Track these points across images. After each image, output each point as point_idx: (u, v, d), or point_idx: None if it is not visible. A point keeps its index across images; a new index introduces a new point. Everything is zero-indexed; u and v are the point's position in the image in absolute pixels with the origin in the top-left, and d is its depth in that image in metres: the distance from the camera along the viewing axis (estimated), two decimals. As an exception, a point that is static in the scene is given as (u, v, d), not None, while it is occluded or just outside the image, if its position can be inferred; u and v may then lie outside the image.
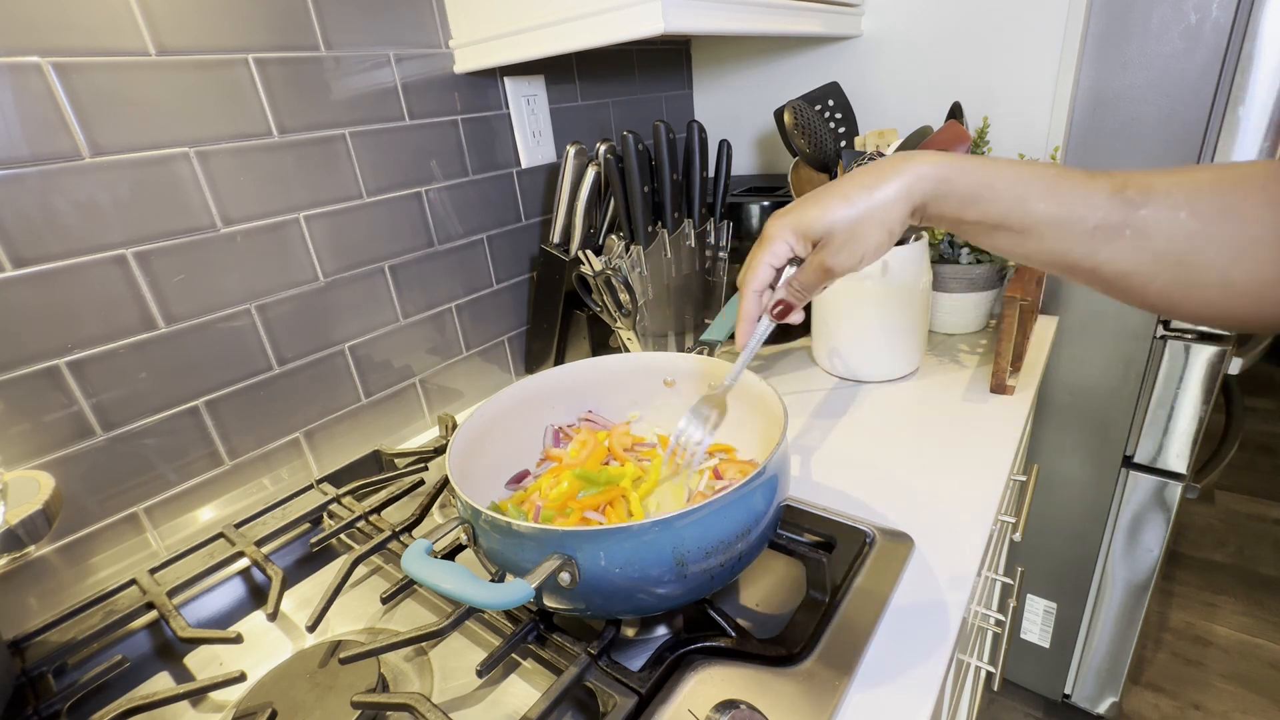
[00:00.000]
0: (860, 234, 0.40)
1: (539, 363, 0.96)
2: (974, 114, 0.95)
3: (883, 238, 0.40)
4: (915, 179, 0.39)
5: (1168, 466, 1.08)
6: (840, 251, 0.41)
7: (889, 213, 0.39)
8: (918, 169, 0.39)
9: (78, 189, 0.53)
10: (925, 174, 0.38)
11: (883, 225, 0.40)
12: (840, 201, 0.40)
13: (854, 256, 0.41)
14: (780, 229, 0.43)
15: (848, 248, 0.41)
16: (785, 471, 0.48)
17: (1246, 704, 1.40)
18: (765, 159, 1.23)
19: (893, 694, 0.42)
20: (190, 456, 0.64)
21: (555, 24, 0.69)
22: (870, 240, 0.40)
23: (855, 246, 0.41)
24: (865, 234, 0.40)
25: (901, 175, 0.39)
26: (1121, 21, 0.88)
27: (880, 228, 0.40)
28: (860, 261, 0.41)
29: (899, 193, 0.39)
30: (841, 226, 0.40)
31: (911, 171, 0.39)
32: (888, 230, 0.40)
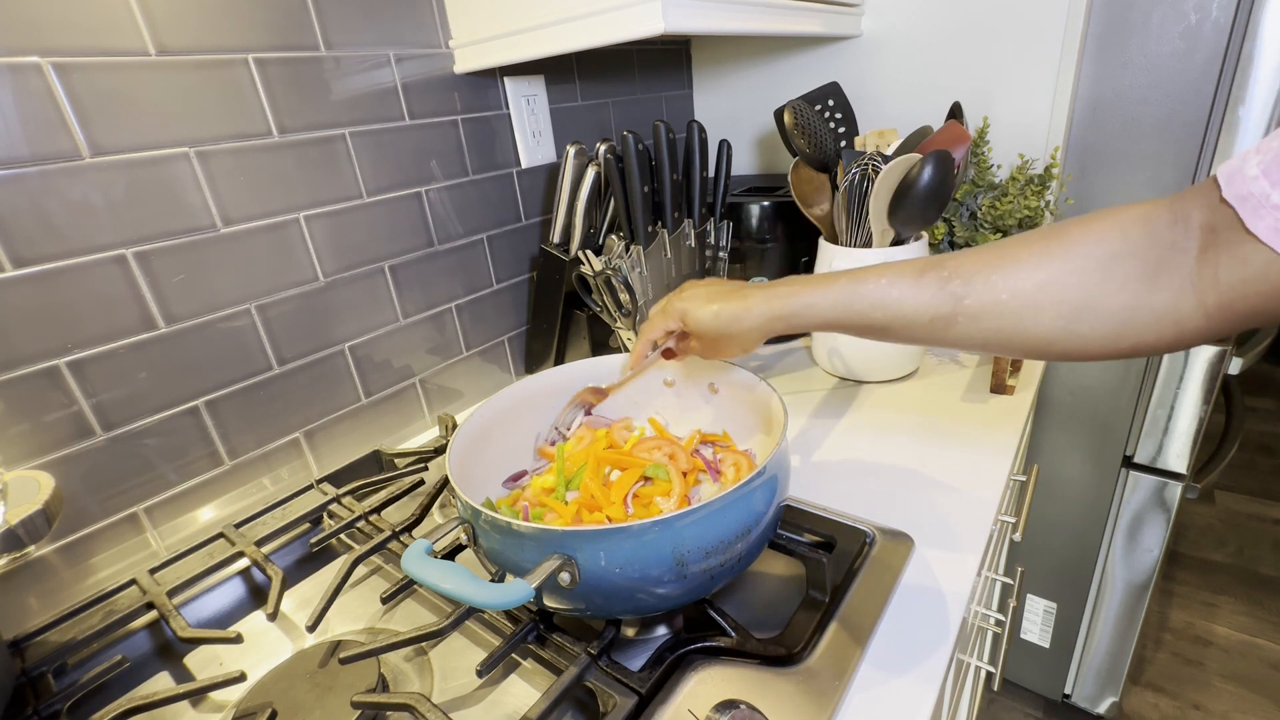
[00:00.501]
0: (720, 345, 0.52)
1: (539, 363, 0.96)
2: (974, 114, 0.95)
3: (736, 351, 0.52)
4: (769, 319, 0.47)
5: (1168, 466, 1.08)
6: (705, 348, 0.54)
7: (744, 337, 0.50)
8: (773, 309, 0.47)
9: (78, 189, 0.53)
10: (779, 314, 0.47)
11: (738, 344, 0.51)
12: (712, 317, 0.50)
13: (716, 355, 0.54)
14: (674, 310, 0.53)
15: (710, 349, 0.53)
16: (785, 471, 0.48)
17: (1246, 704, 1.40)
18: (765, 159, 1.23)
19: (893, 694, 0.42)
20: (190, 456, 0.64)
21: (555, 24, 0.69)
22: (728, 352, 0.53)
23: (716, 351, 0.53)
24: (725, 347, 0.52)
25: (757, 311, 0.48)
26: (1121, 21, 0.88)
27: (735, 345, 0.51)
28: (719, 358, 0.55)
29: (754, 326, 0.48)
30: (709, 334, 0.51)
31: (767, 311, 0.47)
32: (741, 347, 0.51)
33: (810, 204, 0.85)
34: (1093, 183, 0.97)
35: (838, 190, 0.79)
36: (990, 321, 0.38)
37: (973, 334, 0.39)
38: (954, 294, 0.39)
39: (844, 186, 0.77)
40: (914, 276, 0.41)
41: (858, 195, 0.76)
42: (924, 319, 0.41)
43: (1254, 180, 0.30)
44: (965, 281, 0.39)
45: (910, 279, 0.41)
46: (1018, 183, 0.86)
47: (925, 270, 0.41)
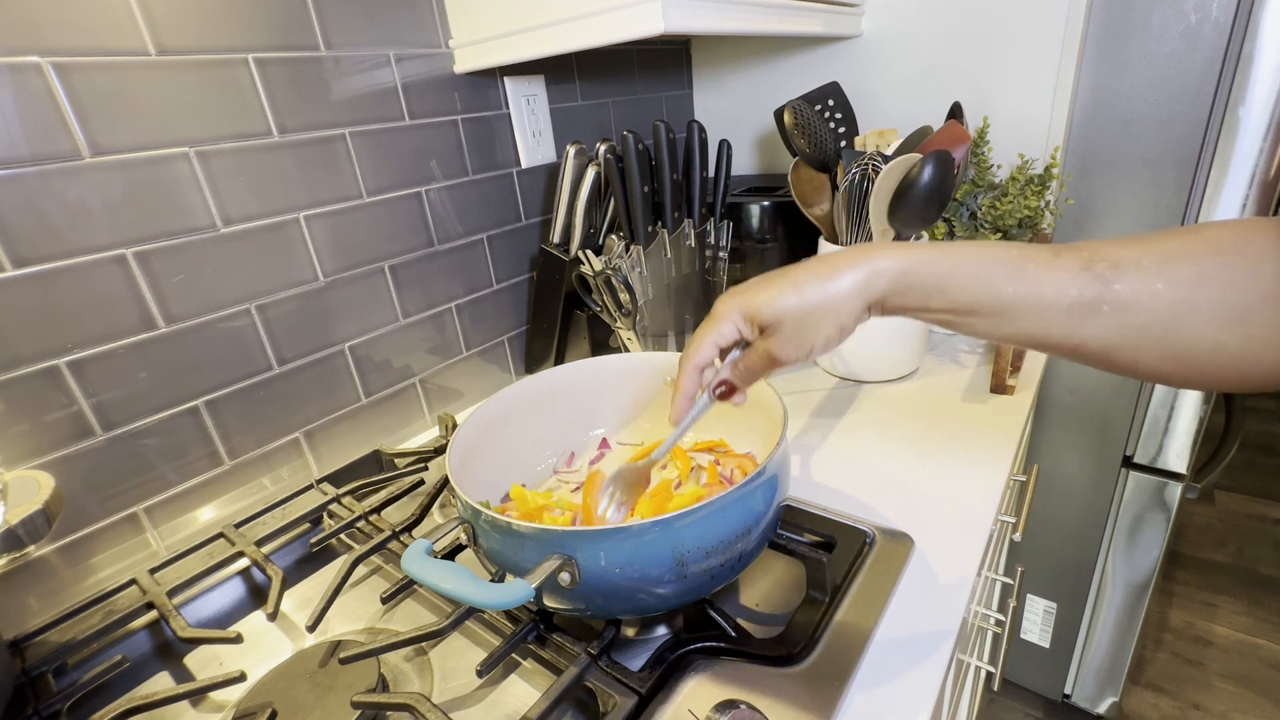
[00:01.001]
0: (810, 326, 0.39)
1: (539, 363, 0.96)
2: (974, 114, 0.95)
3: (833, 332, 0.39)
4: (872, 274, 0.37)
5: (1168, 466, 1.08)
6: (788, 342, 0.40)
7: (842, 307, 0.38)
8: (875, 263, 0.37)
9: (78, 189, 0.53)
10: (883, 269, 0.37)
11: (834, 320, 0.38)
12: (792, 290, 0.38)
13: (802, 348, 0.40)
14: (730, 309, 0.41)
15: (795, 339, 0.39)
16: (785, 471, 0.48)
17: (1246, 704, 1.40)
18: (765, 159, 1.23)
19: (893, 694, 0.42)
20: (190, 456, 0.64)
21: (555, 24, 0.69)
22: (820, 334, 0.39)
23: (804, 338, 0.39)
24: (815, 327, 0.39)
25: (858, 269, 0.37)
26: (1121, 21, 0.88)
27: (831, 322, 0.38)
28: (809, 353, 0.40)
29: (853, 287, 0.37)
30: (791, 317, 0.39)
31: (869, 266, 0.37)
32: (839, 325, 0.38)
33: (810, 204, 0.85)
34: (1093, 183, 0.97)
35: (838, 190, 0.79)
36: (1140, 315, 0.33)
37: (1111, 330, 0.34)
38: (1101, 276, 0.33)
39: (844, 186, 0.77)
40: (1050, 254, 0.35)
41: (858, 195, 0.76)
42: (1062, 303, 0.34)
43: None
44: (1114, 265, 0.34)
45: (1046, 255, 0.35)
46: (1018, 183, 0.86)
47: (1061, 250, 0.35)
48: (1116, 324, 0.34)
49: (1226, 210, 0.90)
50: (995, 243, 0.37)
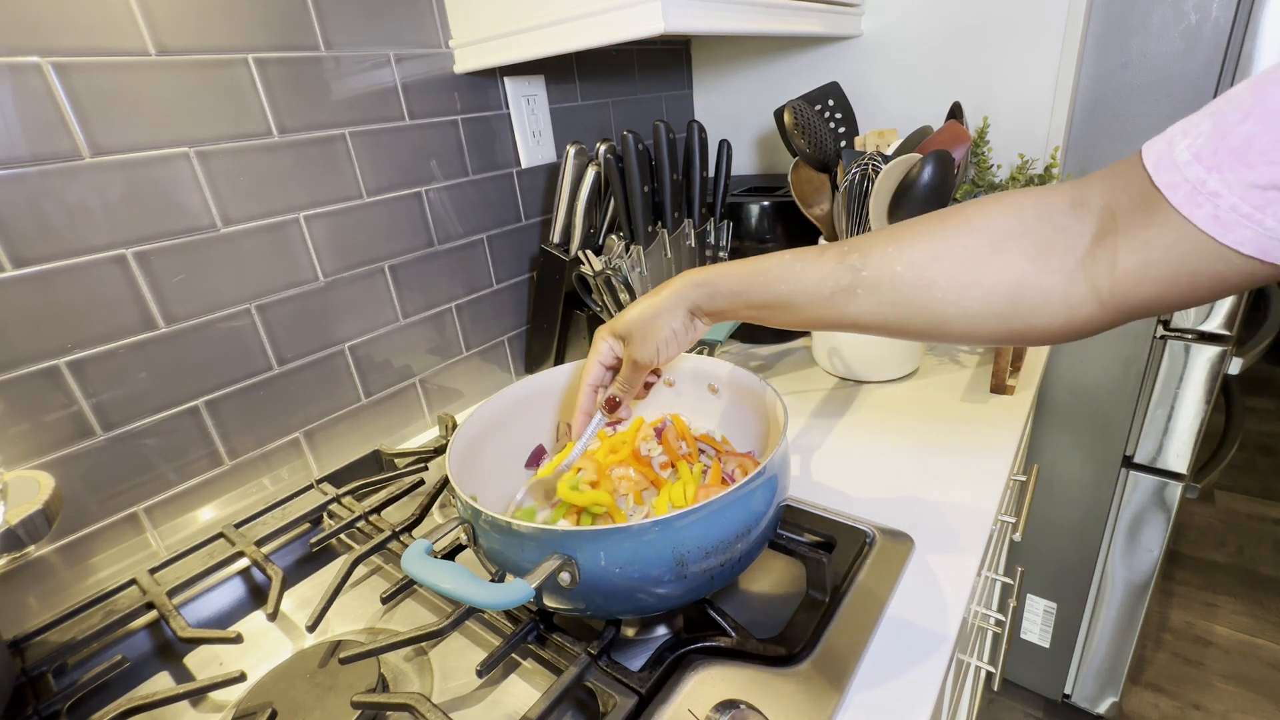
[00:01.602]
0: (650, 331, 0.49)
1: (539, 363, 0.96)
2: (974, 114, 0.95)
3: (668, 334, 0.49)
4: (685, 288, 0.48)
5: (1168, 466, 1.08)
6: (639, 346, 0.50)
7: (668, 314, 0.49)
8: (689, 279, 0.48)
9: (78, 189, 0.53)
10: (695, 282, 0.48)
11: (666, 324, 0.49)
12: (635, 308, 0.50)
13: (649, 349, 0.50)
14: (602, 333, 0.53)
15: (643, 343, 0.50)
16: (785, 471, 0.48)
17: (1246, 704, 1.40)
18: (765, 159, 1.23)
19: (893, 694, 0.42)
20: (190, 456, 0.64)
21: (555, 24, 0.69)
22: (660, 336, 0.49)
23: (649, 341, 0.50)
24: (653, 331, 0.49)
25: (675, 286, 0.49)
26: (1121, 21, 0.88)
27: (664, 325, 0.49)
28: (657, 353, 0.50)
29: (673, 299, 0.48)
30: (636, 326, 0.50)
31: (683, 283, 0.48)
32: (670, 328, 0.49)
33: (810, 204, 0.85)
34: (1093, 183, 0.97)
35: (838, 190, 0.79)
36: (887, 294, 0.39)
37: (871, 308, 0.40)
38: (852, 267, 0.41)
39: (844, 186, 0.77)
40: (816, 253, 0.43)
41: (858, 195, 0.76)
42: (825, 292, 0.42)
43: (1186, 165, 0.29)
44: (863, 255, 0.41)
45: (813, 255, 0.43)
46: (1018, 183, 0.86)
47: (826, 249, 0.43)
48: (874, 303, 0.40)
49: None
50: (780, 252, 0.46)
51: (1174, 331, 1.00)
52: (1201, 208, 0.28)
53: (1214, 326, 0.96)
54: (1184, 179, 0.29)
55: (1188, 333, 0.99)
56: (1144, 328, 1.00)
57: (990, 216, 0.37)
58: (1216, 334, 0.97)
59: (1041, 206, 0.35)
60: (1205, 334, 0.97)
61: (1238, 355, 0.98)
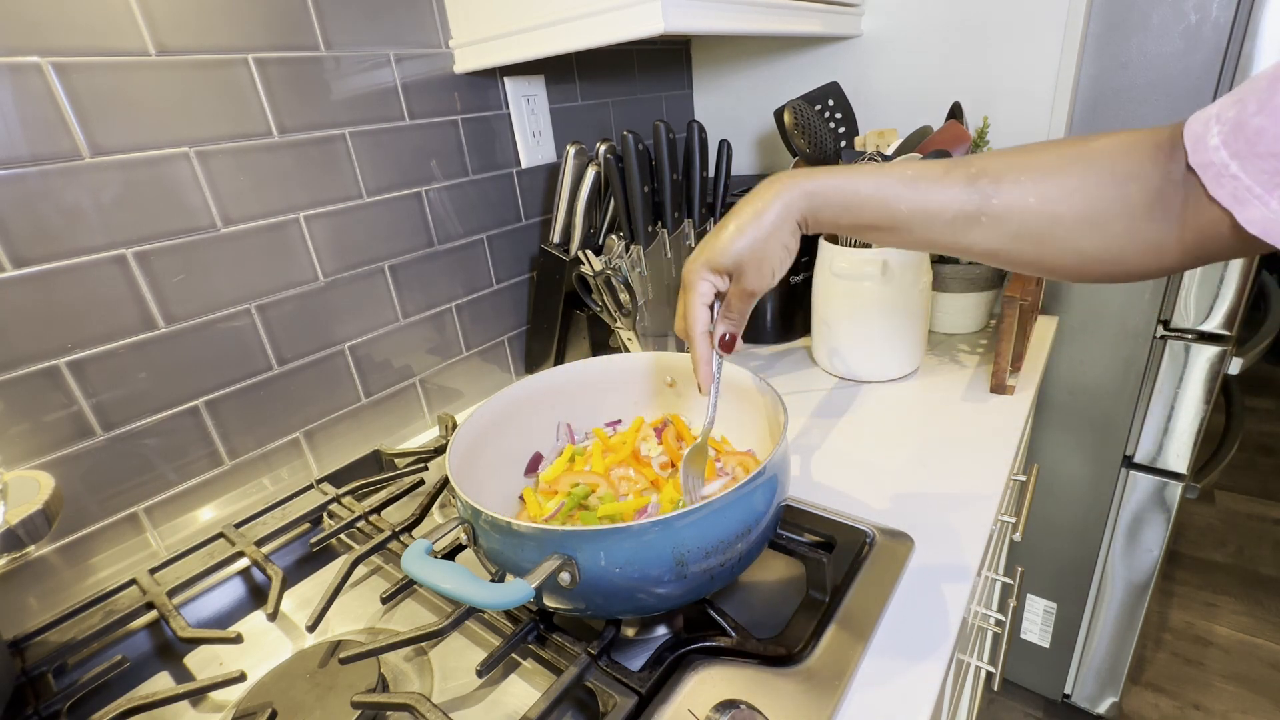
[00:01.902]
0: (764, 256, 0.44)
1: (539, 363, 0.96)
2: (974, 114, 0.95)
3: (782, 254, 0.45)
4: (791, 198, 0.43)
5: (1168, 466, 1.08)
6: (754, 275, 0.45)
7: (779, 231, 0.44)
8: (790, 189, 0.43)
9: (78, 189, 0.53)
10: (799, 191, 0.43)
11: (778, 242, 0.44)
12: (737, 234, 0.44)
13: (765, 276, 0.45)
14: (698, 271, 0.46)
15: (758, 270, 0.45)
16: (785, 471, 0.48)
17: (1246, 704, 1.40)
18: (765, 159, 1.23)
19: (893, 694, 0.42)
20: (190, 456, 0.64)
21: (555, 24, 0.69)
22: (774, 259, 0.45)
23: (764, 267, 0.45)
24: (768, 254, 0.44)
25: (779, 197, 0.43)
26: (1121, 21, 0.88)
27: (777, 245, 0.44)
28: (772, 278, 0.46)
29: (781, 213, 0.43)
30: (747, 254, 0.44)
31: (786, 192, 0.43)
32: (783, 245, 0.44)
33: (810, 204, 0.85)
34: (1093, 183, 0.97)
35: (838, 190, 0.79)
36: (1013, 225, 0.38)
37: (991, 238, 0.39)
38: (982, 191, 0.38)
39: (844, 186, 0.77)
40: (940, 171, 0.40)
41: (858, 195, 0.76)
42: (947, 215, 0.39)
43: (1215, 150, 0.31)
44: (995, 180, 0.38)
45: (937, 173, 0.40)
46: (1018, 183, 0.86)
47: (951, 168, 0.40)
48: (994, 233, 0.39)
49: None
50: (901, 164, 0.42)
51: (1174, 331, 1.00)
52: (1224, 188, 0.31)
53: (1214, 326, 0.96)
54: (1211, 161, 0.32)
55: (1188, 333, 0.99)
56: (1144, 327, 1.00)
57: (1114, 154, 0.36)
58: (1216, 334, 0.97)
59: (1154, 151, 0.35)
60: (1205, 334, 0.97)
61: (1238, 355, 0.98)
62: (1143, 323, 1.00)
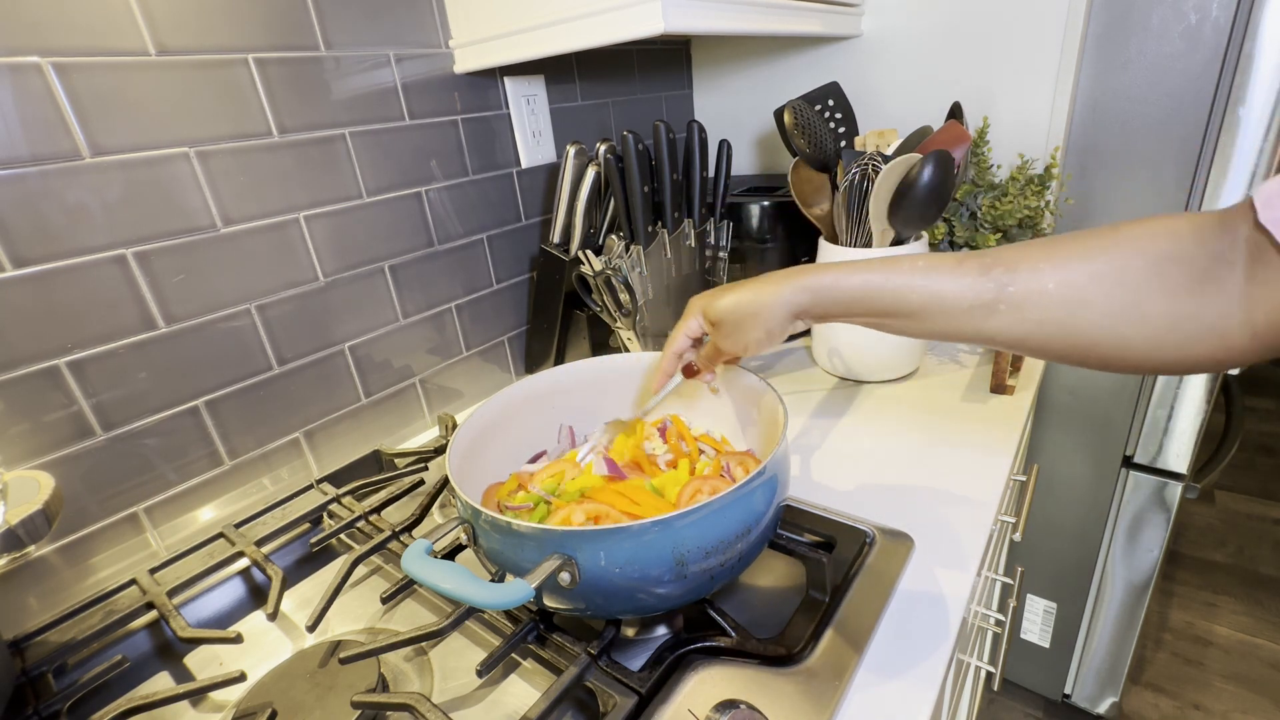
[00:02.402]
0: (743, 327, 0.48)
1: (539, 363, 0.96)
2: (974, 114, 0.95)
3: (761, 335, 0.47)
4: (796, 290, 0.45)
5: (1168, 466, 1.08)
6: (727, 338, 0.50)
7: (768, 315, 0.46)
8: (801, 281, 0.45)
9: (78, 189, 0.53)
10: (807, 286, 0.44)
11: (762, 325, 0.47)
12: (733, 297, 0.48)
13: (738, 344, 0.49)
14: (694, 307, 0.53)
15: (732, 336, 0.49)
16: (785, 471, 0.48)
17: (1246, 704, 1.40)
18: (765, 159, 1.23)
19: (893, 694, 0.42)
20: (190, 456, 0.64)
21: (555, 24, 0.69)
22: (750, 335, 0.48)
23: (738, 337, 0.49)
24: (746, 329, 0.48)
25: (784, 287, 0.45)
26: (1121, 21, 0.88)
27: (759, 326, 0.47)
28: (744, 349, 0.50)
29: (778, 300, 0.45)
30: (729, 318, 0.48)
31: (794, 284, 0.45)
32: (766, 330, 0.47)
33: (810, 204, 0.85)
34: (1093, 183, 0.97)
35: (838, 190, 0.79)
36: (1034, 312, 0.37)
37: (1013, 326, 0.38)
38: (998, 280, 0.38)
39: (844, 186, 0.77)
40: (954, 263, 0.40)
41: (858, 195, 0.76)
42: (963, 305, 0.39)
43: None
44: (1010, 269, 0.38)
45: (950, 264, 0.40)
46: (1018, 183, 0.86)
47: (965, 259, 0.40)
48: (1016, 320, 0.38)
49: (1226, 210, 0.90)
50: (910, 256, 0.42)
51: (1174, 331, 0.99)
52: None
53: (1214, 326, 0.96)
54: None
55: (1188, 333, 0.98)
56: (1144, 328, 1.00)
57: (1147, 236, 0.35)
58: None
59: (1196, 231, 0.34)
60: (1205, 334, 0.97)
61: (1238, 355, 0.98)
62: (1143, 323, 1.00)
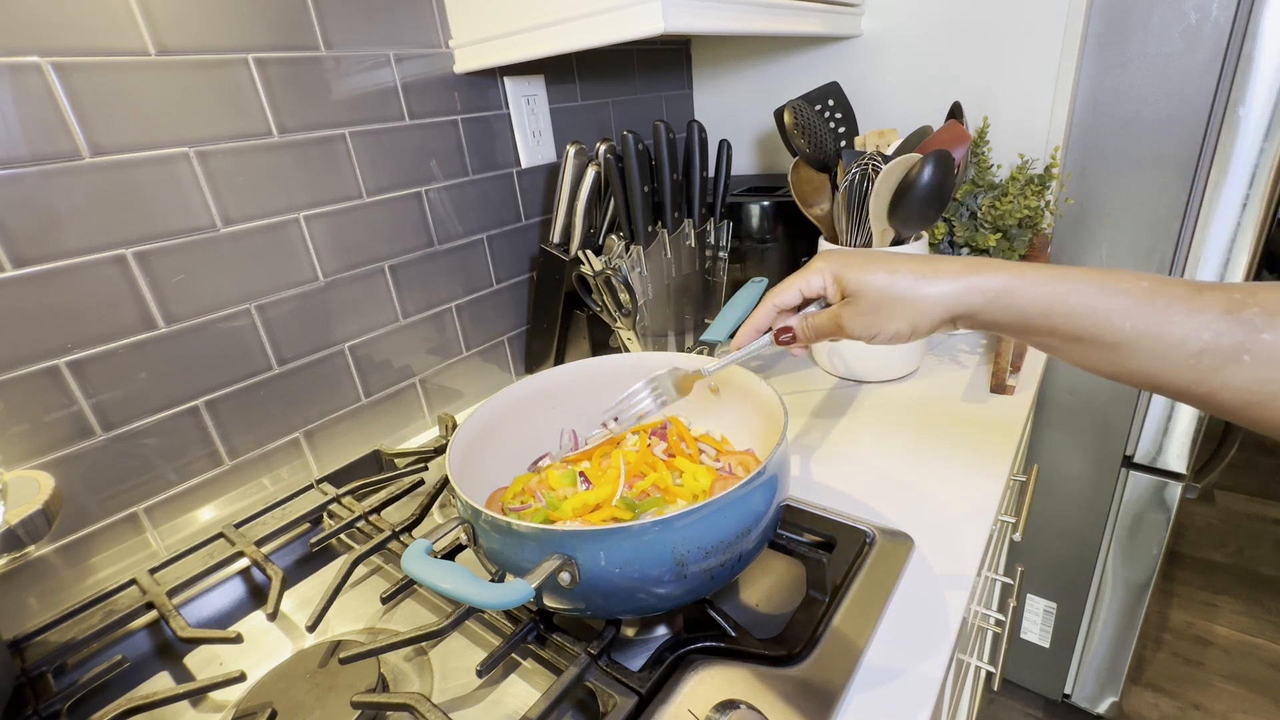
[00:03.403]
0: (884, 312, 0.39)
1: (539, 363, 0.96)
2: (974, 114, 0.95)
3: (903, 328, 0.39)
4: (968, 289, 0.36)
5: (1168, 466, 1.08)
6: (858, 317, 0.40)
7: (923, 309, 0.38)
8: (976, 280, 0.36)
9: (77, 189, 0.53)
10: (982, 286, 0.36)
11: (909, 317, 0.38)
12: (885, 272, 0.39)
13: (868, 329, 0.40)
14: (825, 265, 0.42)
15: (866, 317, 0.40)
16: (785, 471, 0.48)
17: (1246, 704, 1.40)
18: (765, 159, 1.23)
19: (893, 694, 0.42)
20: (190, 456, 0.64)
21: (555, 24, 0.69)
22: (891, 324, 0.39)
23: (875, 321, 0.39)
24: (889, 315, 0.39)
25: (956, 281, 0.37)
26: (1121, 21, 0.88)
27: (905, 318, 0.38)
28: (874, 337, 0.40)
29: (943, 296, 0.37)
30: (872, 295, 0.39)
31: (968, 281, 0.36)
32: (911, 324, 0.38)
33: (810, 204, 0.85)
34: (1093, 183, 0.97)
35: (838, 190, 0.79)
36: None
37: (1252, 384, 0.30)
38: (1249, 322, 0.30)
39: (844, 186, 0.77)
40: (1188, 292, 0.32)
41: (858, 195, 0.76)
42: (1190, 348, 0.31)
43: None
44: (1270, 312, 0.29)
45: (1183, 293, 0.32)
46: (1018, 183, 0.86)
47: (1203, 290, 0.31)
48: (1259, 378, 0.30)
49: (1227, 210, 0.90)
50: (1123, 271, 0.34)
51: (1174, 331, 0.99)
52: None
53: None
54: None
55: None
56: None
57: None
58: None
59: None
60: (1205, 334, 0.97)
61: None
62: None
